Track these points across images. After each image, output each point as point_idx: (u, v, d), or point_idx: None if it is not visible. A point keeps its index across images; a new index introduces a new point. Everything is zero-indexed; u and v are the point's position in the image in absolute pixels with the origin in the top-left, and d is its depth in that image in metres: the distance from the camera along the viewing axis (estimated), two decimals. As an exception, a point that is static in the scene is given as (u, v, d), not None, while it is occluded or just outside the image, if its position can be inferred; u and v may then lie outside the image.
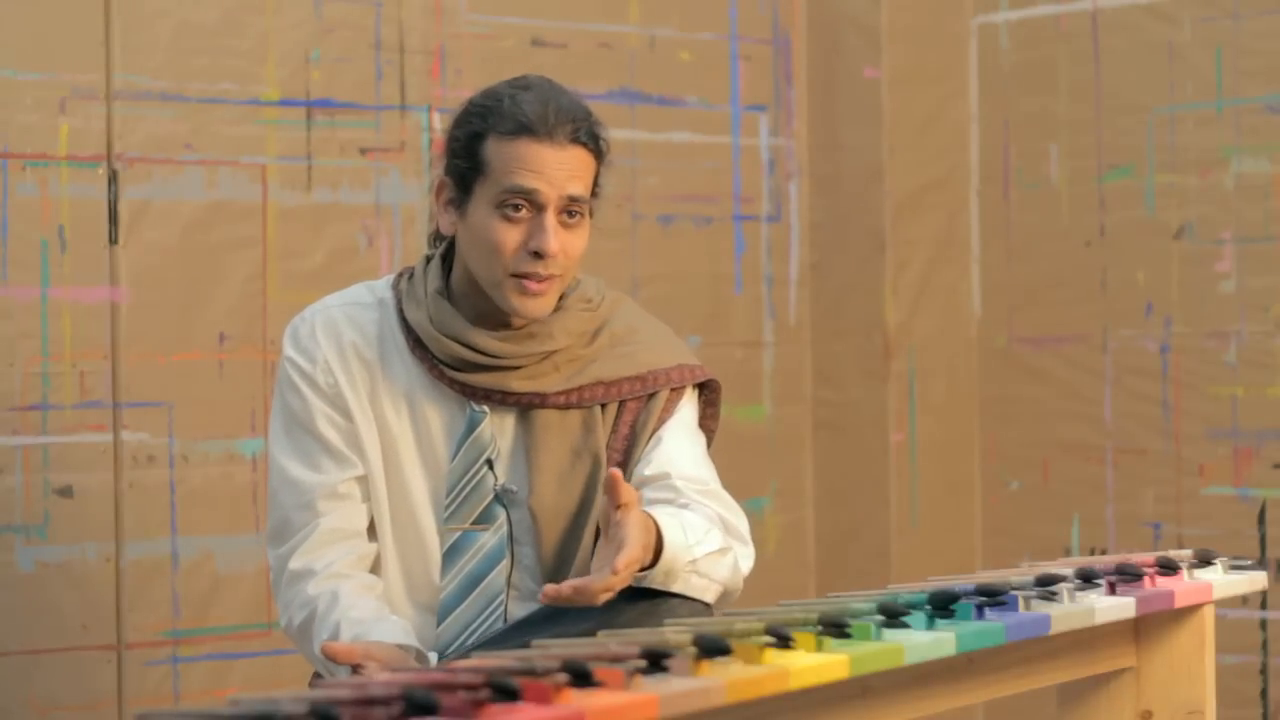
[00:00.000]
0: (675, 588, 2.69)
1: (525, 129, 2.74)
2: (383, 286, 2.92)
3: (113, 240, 3.72)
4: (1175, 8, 4.32)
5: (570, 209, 2.76)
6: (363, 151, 3.98)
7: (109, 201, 3.72)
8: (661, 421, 2.87)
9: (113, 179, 3.72)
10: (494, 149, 2.76)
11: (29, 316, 3.64)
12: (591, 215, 2.82)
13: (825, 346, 4.62)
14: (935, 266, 4.60)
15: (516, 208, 2.75)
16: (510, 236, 2.75)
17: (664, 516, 2.69)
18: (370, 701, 1.82)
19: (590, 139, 2.78)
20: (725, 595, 2.80)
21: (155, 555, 3.74)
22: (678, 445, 2.86)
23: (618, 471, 2.57)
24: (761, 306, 4.55)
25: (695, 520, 2.74)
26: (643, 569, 2.63)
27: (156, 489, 3.74)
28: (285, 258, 3.88)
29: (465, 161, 2.78)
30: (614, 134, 2.85)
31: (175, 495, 3.76)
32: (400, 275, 2.92)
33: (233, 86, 3.84)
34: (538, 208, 2.75)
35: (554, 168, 2.74)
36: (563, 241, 2.75)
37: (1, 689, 3.59)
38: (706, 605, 2.73)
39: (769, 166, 4.57)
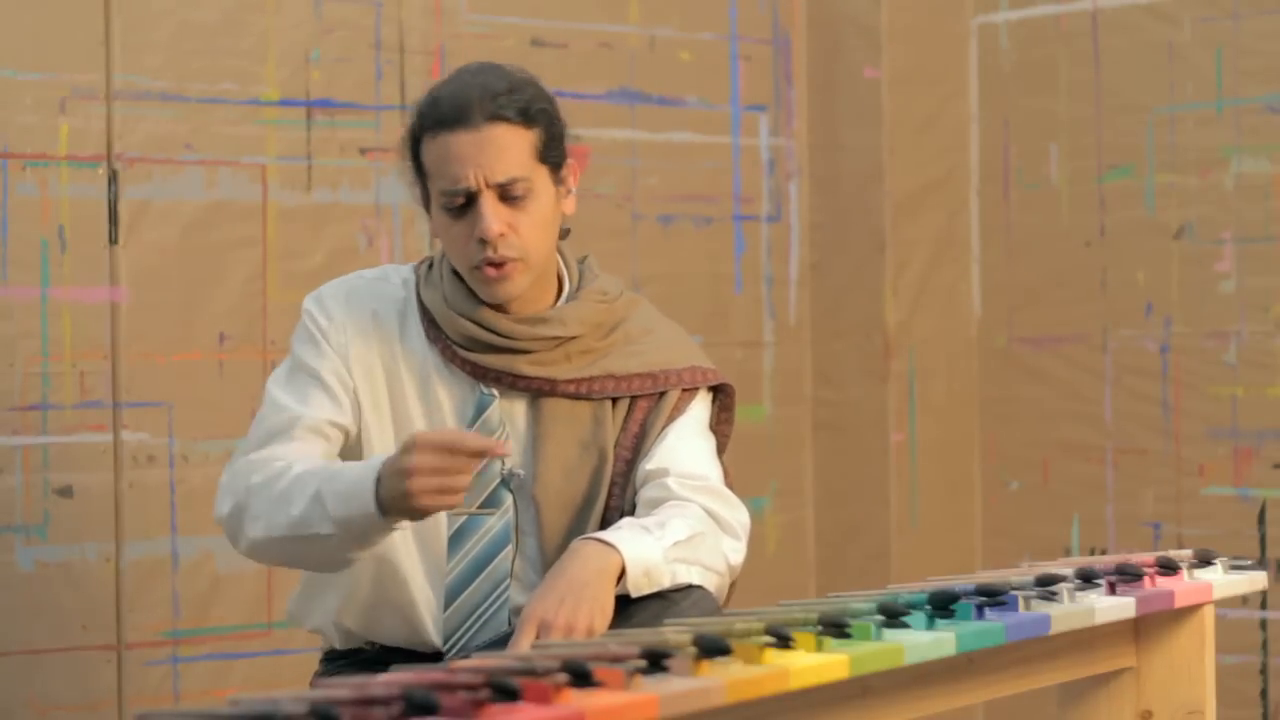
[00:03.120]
0: (666, 583, 2.69)
1: (442, 123, 2.77)
2: (407, 270, 2.95)
3: (113, 240, 3.72)
4: (1175, 8, 4.32)
5: (508, 189, 2.76)
6: (363, 151, 3.98)
7: (109, 201, 3.72)
8: (671, 420, 2.87)
9: (113, 179, 3.72)
10: (426, 150, 2.80)
11: (29, 316, 3.64)
12: (564, 185, 2.83)
13: (825, 346, 4.62)
14: (935, 266, 4.61)
15: (456, 203, 2.77)
16: (459, 232, 2.78)
17: (611, 531, 2.71)
18: (370, 701, 1.82)
19: (514, 113, 2.77)
20: (722, 581, 2.81)
21: (155, 555, 3.74)
22: (681, 441, 2.86)
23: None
24: (761, 306, 4.55)
25: (660, 518, 2.75)
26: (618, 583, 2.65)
27: (156, 489, 3.74)
28: (285, 258, 3.88)
29: (414, 167, 2.83)
30: (614, 134, 2.85)
31: (175, 495, 3.76)
32: (422, 262, 2.95)
33: (233, 86, 3.84)
34: (473, 197, 2.76)
35: (473, 152, 2.75)
36: (508, 220, 2.76)
37: (1, 689, 3.59)
38: (716, 606, 2.73)
39: (769, 166, 4.57)
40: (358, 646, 2.90)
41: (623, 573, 2.65)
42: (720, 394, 2.97)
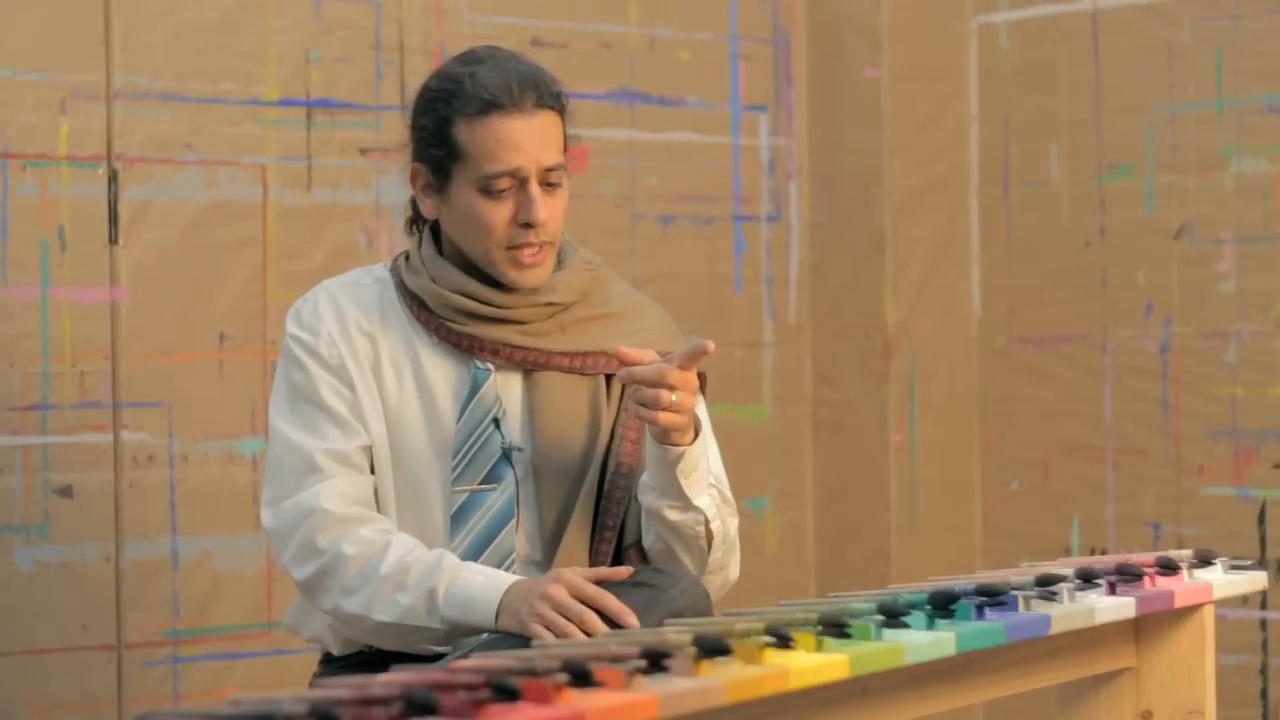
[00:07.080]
0: (689, 488, 2.75)
1: (492, 106, 2.78)
2: (380, 269, 2.97)
3: (113, 240, 3.72)
4: (1175, 8, 4.32)
5: (550, 176, 2.80)
6: (363, 151, 3.97)
7: (109, 201, 3.72)
8: None
9: (113, 179, 3.72)
10: (465, 132, 2.79)
11: (29, 316, 3.64)
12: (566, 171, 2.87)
13: (825, 346, 4.62)
14: (935, 266, 4.60)
15: (500, 186, 2.78)
16: (499, 214, 2.79)
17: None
18: (370, 701, 1.82)
19: (554, 100, 2.82)
20: (724, 560, 2.86)
21: (155, 555, 3.74)
22: (708, 449, 2.89)
23: (625, 351, 2.71)
24: (761, 306, 4.55)
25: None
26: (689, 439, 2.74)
27: (156, 489, 3.74)
28: (285, 258, 3.88)
29: (439, 149, 2.82)
30: (614, 134, 2.86)
31: (175, 495, 3.76)
32: (397, 258, 2.96)
33: (233, 86, 3.84)
34: (520, 181, 2.79)
35: (528, 138, 2.78)
36: (548, 208, 2.80)
37: (1, 689, 3.59)
38: (704, 593, 2.73)
39: (769, 166, 4.57)
40: (356, 651, 2.90)
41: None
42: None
